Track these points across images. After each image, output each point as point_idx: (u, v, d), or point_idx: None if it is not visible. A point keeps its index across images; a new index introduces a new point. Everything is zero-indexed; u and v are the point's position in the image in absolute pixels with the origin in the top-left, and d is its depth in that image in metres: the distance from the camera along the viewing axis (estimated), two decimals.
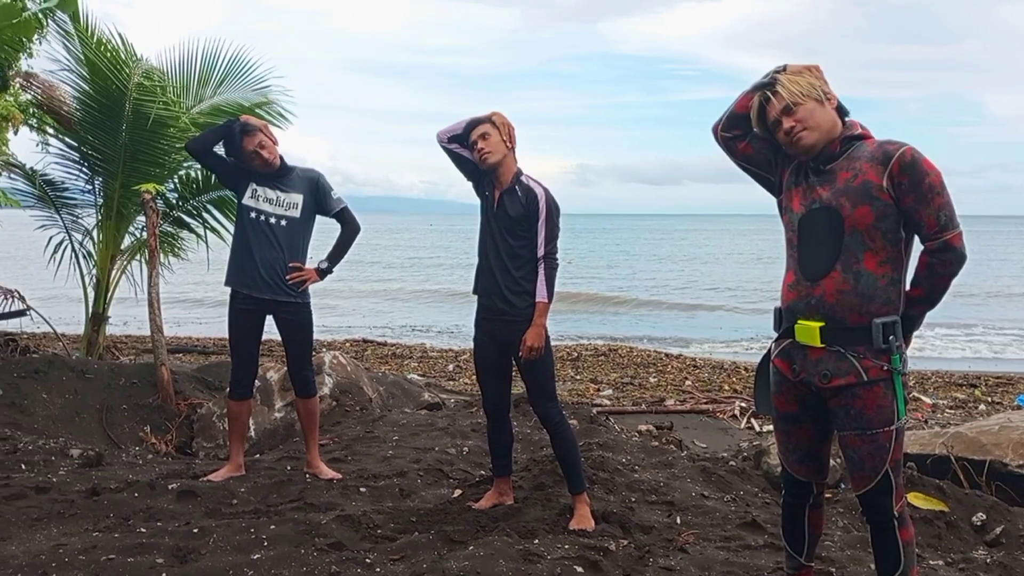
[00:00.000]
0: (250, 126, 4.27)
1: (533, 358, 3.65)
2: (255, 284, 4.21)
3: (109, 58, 7.63)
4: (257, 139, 4.19)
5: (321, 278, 4.37)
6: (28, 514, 3.66)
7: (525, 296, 3.65)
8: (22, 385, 5.94)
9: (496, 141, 3.64)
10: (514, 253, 3.65)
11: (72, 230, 8.56)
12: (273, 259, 4.20)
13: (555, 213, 3.68)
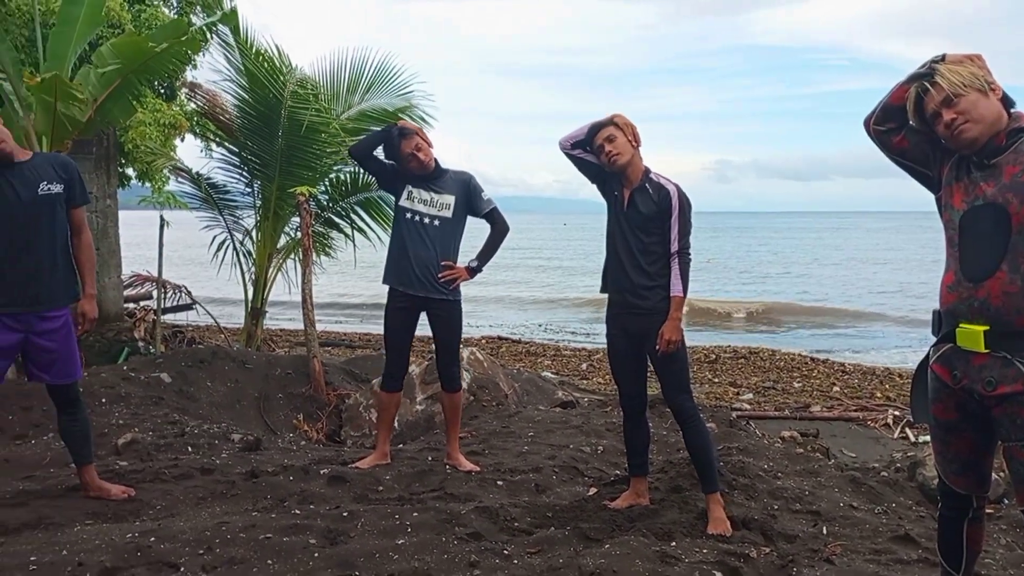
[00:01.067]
0: (407, 130, 4.44)
1: (670, 351, 3.62)
2: (410, 282, 4.38)
3: (266, 68, 8.14)
4: (414, 142, 4.36)
5: (471, 276, 4.49)
6: (194, 493, 3.97)
7: (658, 291, 3.65)
8: (189, 374, 6.45)
9: (623, 142, 3.66)
10: (646, 249, 3.66)
11: (233, 230, 9.19)
12: (427, 258, 4.36)
13: (687, 208, 3.68)
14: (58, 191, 3.60)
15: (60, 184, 3.61)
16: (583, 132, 3.76)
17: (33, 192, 3.52)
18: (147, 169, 11.69)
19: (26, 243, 3.51)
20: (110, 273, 8.14)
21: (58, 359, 3.65)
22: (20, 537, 3.37)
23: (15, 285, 3.50)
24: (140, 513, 3.69)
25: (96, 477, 3.87)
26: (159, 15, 11.84)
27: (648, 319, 3.66)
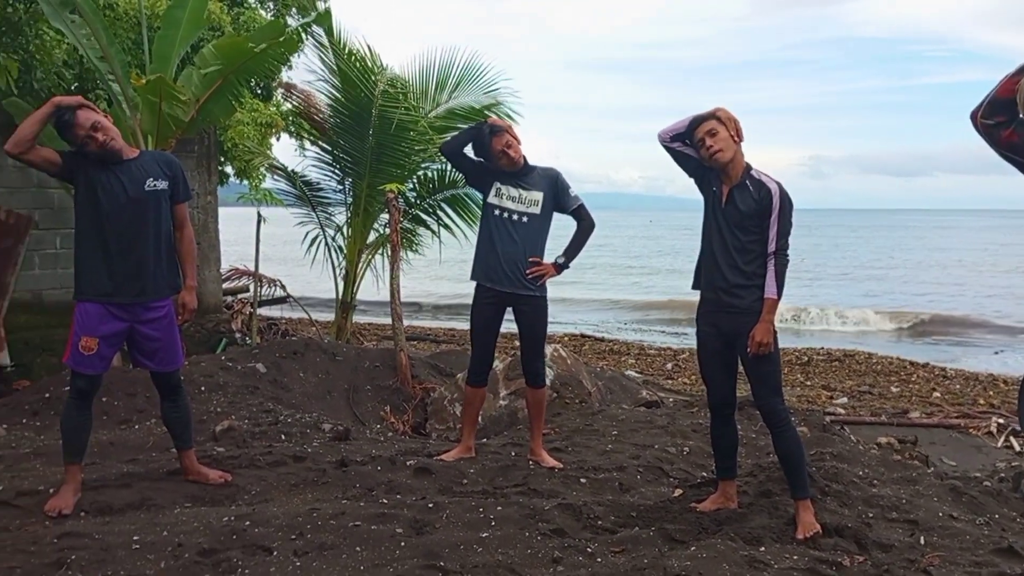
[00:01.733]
0: (498, 127, 4.47)
1: (762, 354, 3.53)
2: (497, 278, 4.41)
3: (358, 68, 8.32)
4: (504, 139, 4.38)
5: (558, 272, 4.49)
6: (287, 480, 4.11)
7: (753, 290, 3.56)
8: (283, 364, 6.66)
9: (724, 137, 3.56)
10: (743, 248, 3.57)
11: (325, 226, 9.45)
12: (514, 254, 4.38)
13: (788, 208, 3.57)
14: (163, 187, 3.77)
15: (165, 181, 3.78)
16: (683, 125, 3.67)
17: (140, 188, 3.69)
18: (245, 167, 12.16)
19: (134, 237, 3.69)
20: (210, 267, 8.49)
21: (161, 347, 3.83)
22: (124, 517, 3.56)
23: (123, 276, 3.68)
24: (236, 498, 3.84)
25: (195, 462, 4.05)
26: (257, 17, 12.26)
27: (741, 319, 3.57)
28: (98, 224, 3.66)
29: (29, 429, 5.24)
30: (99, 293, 3.67)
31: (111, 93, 6.57)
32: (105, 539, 3.16)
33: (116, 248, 3.66)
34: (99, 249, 3.66)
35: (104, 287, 3.67)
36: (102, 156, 3.64)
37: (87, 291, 3.68)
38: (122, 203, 3.65)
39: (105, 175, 3.65)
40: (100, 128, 3.61)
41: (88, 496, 3.72)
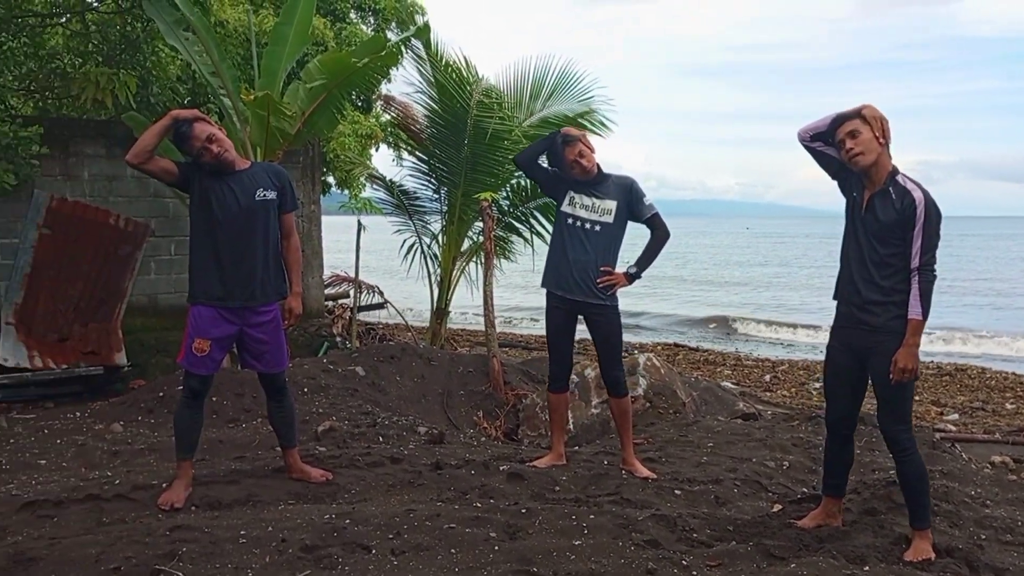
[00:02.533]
0: (570, 136, 4.47)
1: (905, 380, 3.30)
2: (568, 286, 4.40)
3: (454, 79, 8.48)
4: (577, 148, 4.38)
5: (629, 282, 4.44)
6: (385, 480, 4.21)
7: (890, 307, 3.32)
8: (380, 368, 6.83)
9: (867, 139, 3.32)
10: (881, 261, 3.33)
11: (422, 234, 9.66)
12: (585, 262, 4.37)
13: (935, 220, 3.28)
14: (272, 197, 3.93)
15: (274, 191, 3.94)
16: (825, 123, 3.47)
17: (251, 198, 3.86)
18: (346, 177, 12.57)
19: (244, 244, 3.85)
20: (313, 273, 8.79)
21: (268, 350, 3.99)
22: (231, 512, 3.72)
23: (234, 282, 3.85)
24: (336, 496, 3.95)
25: (299, 460, 4.19)
26: (358, 32, 12.67)
27: (874, 337, 3.35)
28: (211, 232, 3.84)
29: (144, 426, 5.54)
30: (211, 297, 3.85)
31: (222, 107, 6.90)
32: (214, 533, 3.31)
33: (227, 255, 3.84)
34: (211, 256, 3.84)
35: (216, 292, 3.85)
36: (216, 167, 3.83)
37: (200, 295, 3.88)
38: (234, 212, 3.82)
39: (218, 185, 3.84)
40: (215, 140, 3.79)
41: (198, 491, 3.90)
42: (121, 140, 7.46)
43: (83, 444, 5.02)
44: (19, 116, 6.76)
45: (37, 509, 3.66)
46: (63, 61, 8.22)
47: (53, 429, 5.45)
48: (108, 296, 7.15)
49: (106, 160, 7.48)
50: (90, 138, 7.43)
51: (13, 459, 4.74)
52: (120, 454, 4.82)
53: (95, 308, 7.10)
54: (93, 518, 3.61)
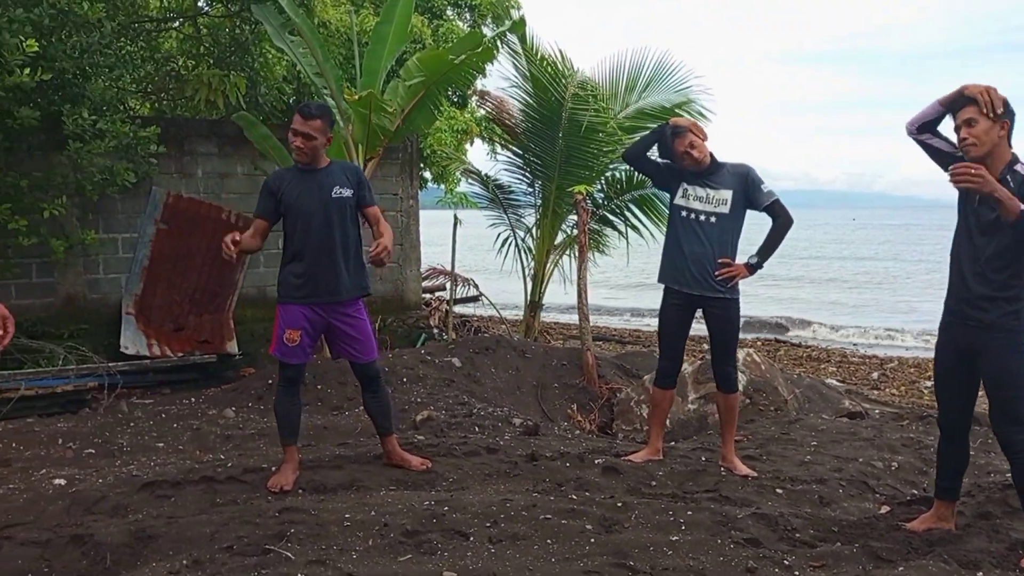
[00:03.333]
0: (679, 128, 4.38)
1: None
2: (685, 280, 4.33)
3: (549, 72, 8.48)
4: (687, 139, 4.30)
5: (751, 273, 4.33)
6: (481, 470, 4.27)
7: (1001, 304, 3.14)
8: (476, 359, 6.92)
9: (983, 129, 3.07)
10: (993, 255, 3.14)
11: (516, 228, 9.72)
12: (703, 255, 4.28)
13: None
14: (348, 195, 4.00)
15: (350, 189, 4.02)
16: (933, 111, 3.26)
17: (328, 195, 3.95)
18: (442, 172, 12.76)
19: (326, 243, 3.94)
20: (411, 266, 8.98)
21: (356, 341, 4.09)
22: (336, 496, 3.85)
23: (317, 280, 3.95)
24: (435, 484, 4.04)
25: (397, 447, 4.30)
26: (455, 28, 12.83)
27: (984, 335, 3.18)
28: (296, 230, 3.95)
29: (254, 412, 5.80)
30: (297, 296, 3.97)
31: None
32: (320, 515, 3.43)
33: (311, 252, 3.93)
34: (297, 254, 3.96)
35: (301, 290, 3.96)
36: (307, 165, 3.96)
37: (285, 295, 4.01)
38: (314, 210, 3.92)
39: (303, 184, 3.97)
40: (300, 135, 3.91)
41: (305, 475, 4.06)
42: (232, 139, 7.81)
43: (198, 428, 5.30)
44: (138, 117, 7.16)
45: (156, 489, 3.88)
46: (177, 64, 8.66)
47: (170, 414, 5.77)
48: (220, 288, 7.51)
49: (218, 158, 7.84)
50: (203, 137, 7.80)
51: (133, 441, 5.05)
52: (232, 438, 5.06)
53: (209, 299, 7.47)
54: (207, 499, 3.81)
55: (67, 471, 4.36)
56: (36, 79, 5.59)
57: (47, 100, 6.08)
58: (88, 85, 6.11)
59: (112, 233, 7.26)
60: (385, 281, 8.61)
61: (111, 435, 5.16)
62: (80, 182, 6.32)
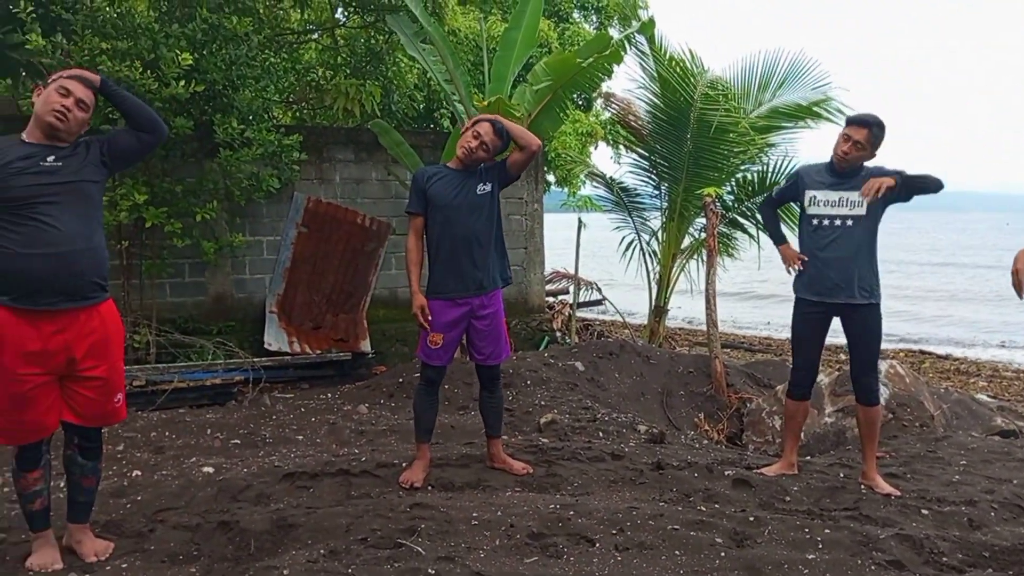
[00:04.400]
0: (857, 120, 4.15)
1: None
2: (824, 289, 4.14)
3: (678, 73, 8.33)
4: (851, 140, 4.10)
5: (895, 185, 3.95)
6: (606, 476, 4.24)
7: None
8: (599, 364, 6.89)
9: None
10: None
11: (640, 231, 9.61)
12: (839, 261, 4.09)
13: None
14: (490, 190, 4.10)
15: (490, 184, 4.11)
16: None
17: (474, 192, 4.05)
18: (566, 175, 12.80)
19: (472, 237, 4.04)
20: (535, 269, 9.05)
21: (492, 342, 4.15)
22: (463, 494, 3.92)
23: (463, 273, 4.04)
24: (560, 487, 4.04)
25: (502, 450, 4.34)
26: (581, 31, 12.84)
27: None
28: (442, 227, 4.06)
29: (386, 409, 5.99)
30: (443, 291, 4.07)
31: (455, 112, 7.27)
32: (449, 512, 3.51)
33: (459, 248, 4.03)
34: (444, 250, 4.06)
35: (448, 285, 4.06)
36: (470, 162, 4.06)
37: (433, 289, 4.11)
38: (462, 206, 4.02)
39: (445, 183, 4.07)
40: (478, 136, 4.04)
41: (434, 472, 4.16)
42: (367, 146, 8.11)
43: (334, 423, 5.53)
44: (282, 126, 7.55)
45: (296, 480, 4.08)
46: (317, 74, 9.08)
47: (308, 408, 6.05)
48: (355, 289, 7.81)
49: (354, 164, 8.16)
50: (341, 144, 8.14)
51: (275, 433, 5.33)
52: (365, 433, 5.25)
53: (344, 299, 7.78)
54: (343, 491, 3.97)
55: (215, 460, 4.65)
56: (190, 91, 6.00)
57: (199, 110, 6.51)
58: (237, 96, 6.49)
59: (257, 236, 7.69)
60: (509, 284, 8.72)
61: (255, 427, 5.46)
62: (229, 188, 6.73)
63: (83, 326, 3.00)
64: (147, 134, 3.18)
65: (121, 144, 3.16)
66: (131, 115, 3.15)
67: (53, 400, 3.01)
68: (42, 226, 2.88)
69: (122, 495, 3.92)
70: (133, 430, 5.26)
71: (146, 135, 3.18)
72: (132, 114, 3.15)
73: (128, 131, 3.18)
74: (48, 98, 2.99)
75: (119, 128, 3.27)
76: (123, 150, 3.17)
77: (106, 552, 3.19)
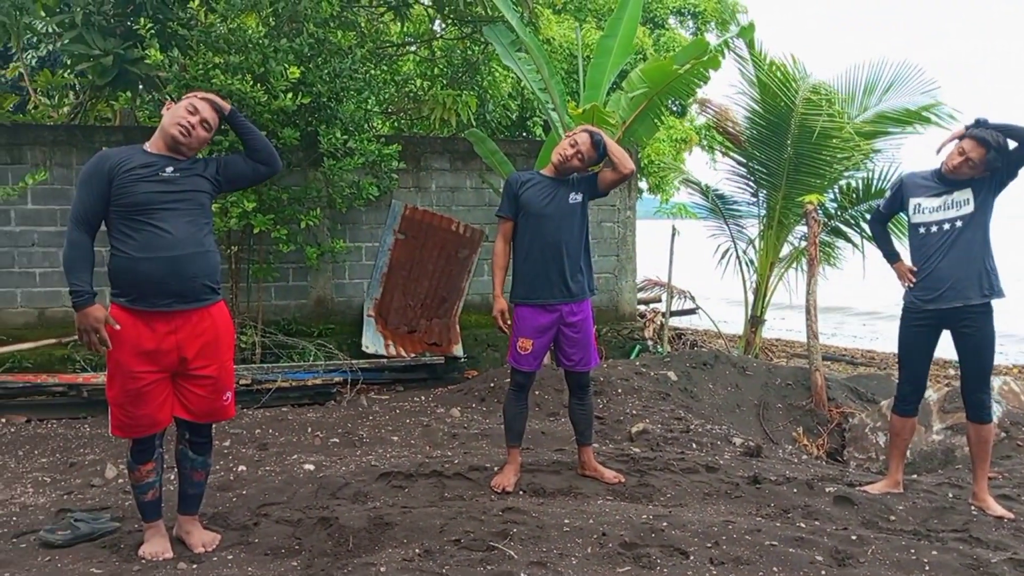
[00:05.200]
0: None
1: None
2: (938, 296, 3.96)
3: (779, 78, 8.13)
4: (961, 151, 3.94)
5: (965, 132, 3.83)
6: (700, 488, 4.17)
7: None
8: (693, 374, 6.78)
9: None
10: None
11: (737, 239, 9.41)
12: (952, 265, 3.92)
13: None
14: (580, 199, 4.11)
15: (581, 193, 4.12)
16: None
17: (566, 200, 4.08)
18: (659, 182, 12.66)
19: (562, 244, 4.05)
20: (627, 277, 8.98)
21: (581, 349, 4.15)
22: (555, 501, 3.94)
23: (551, 281, 4.06)
24: (652, 498, 4.00)
25: (593, 458, 4.32)
26: (676, 37, 12.71)
27: None
28: (532, 235, 4.09)
29: (477, 413, 6.07)
30: (531, 297, 4.10)
31: (549, 120, 7.31)
32: (540, 518, 3.53)
33: (548, 255, 4.06)
34: (533, 256, 4.08)
35: (537, 291, 4.09)
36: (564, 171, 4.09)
37: (522, 295, 4.15)
38: (553, 214, 4.05)
39: (536, 192, 4.10)
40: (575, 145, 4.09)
41: (525, 478, 4.19)
42: (463, 155, 8.25)
43: (427, 425, 5.64)
44: (381, 136, 7.76)
45: (392, 479, 4.18)
46: (415, 85, 9.29)
47: (403, 410, 6.18)
48: (449, 294, 7.95)
49: (450, 173, 8.31)
50: (437, 153, 8.30)
51: (371, 433, 5.47)
52: (458, 436, 5.33)
53: (438, 304, 7.93)
54: (437, 492, 4.04)
55: (315, 458, 4.81)
56: (297, 103, 6.24)
57: (305, 122, 6.76)
58: (340, 107, 6.72)
59: (357, 242, 7.92)
60: (600, 291, 8.68)
61: (353, 427, 5.63)
62: (332, 196, 6.96)
63: (195, 327, 3.17)
64: (263, 166, 3.37)
65: (235, 168, 3.35)
66: (252, 146, 3.34)
67: (166, 396, 3.19)
68: (157, 232, 3.06)
69: (228, 489, 4.11)
70: (239, 427, 5.49)
71: (262, 167, 3.37)
72: (254, 145, 3.34)
73: (245, 159, 3.36)
74: (176, 113, 3.19)
75: (237, 153, 3.46)
76: (236, 174, 3.36)
77: (213, 543, 3.35)
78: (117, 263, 3.08)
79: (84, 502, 3.98)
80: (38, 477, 4.55)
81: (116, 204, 3.07)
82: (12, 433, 5.44)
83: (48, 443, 5.20)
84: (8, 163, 6.95)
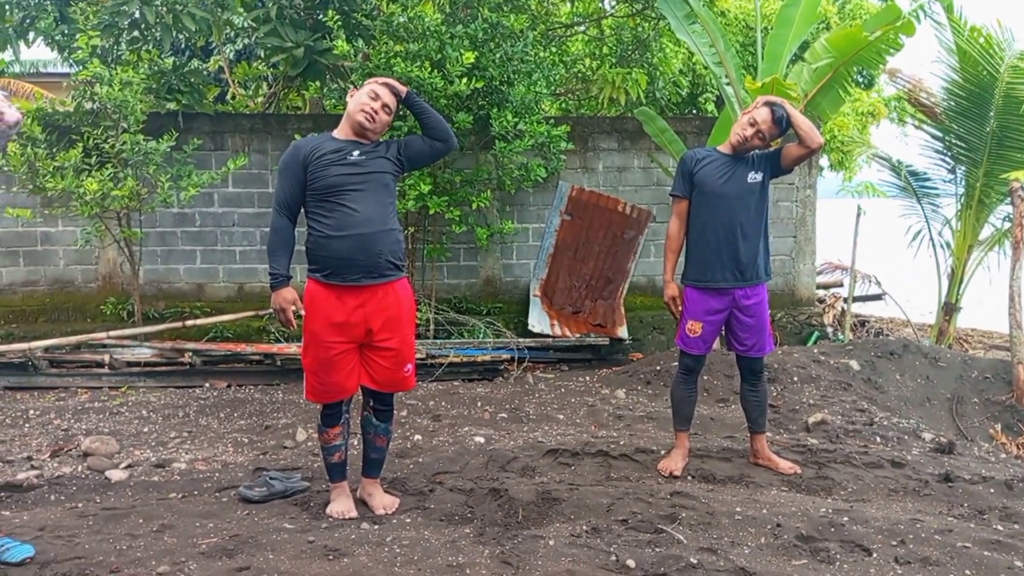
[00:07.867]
0: None
1: None
2: None
3: (981, 44, 7.42)
4: None
5: None
6: (885, 484, 3.93)
7: None
8: (877, 364, 6.37)
9: None
10: None
11: (931, 219, 8.71)
12: None
13: None
14: (760, 179, 3.93)
15: (761, 172, 3.94)
16: None
17: (744, 179, 3.91)
18: (842, 158, 11.93)
19: (738, 226, 3.90)
20: (805, 259, 8.55)
21: (755, 333, 4.00)
22: (725, 488, 3.84)
23: (725, 263, 3.92)
24: (832, 491, 3.82)
25: (766, 447, 4.15)
26: (863, 4, 11.87)
27: None
28: (708, 213, 3.96)
29: (643, 396, 6.02)
30: (703, 280, 3.99)
31: (724, 95, 7.06)
32: (710, 504, 3.46)
33: (723, 237, 3.92)
34: (707, 237, 3.96)
35: (709, 274, 3.96)
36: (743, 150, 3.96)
37: (694, 277, 4.04)
38: (730, 193, 3.91)
39: (719, 167, 3.96)
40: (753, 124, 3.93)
41: (693, 463, 4.12)
42: (631, 134, 8.15)
43: (592, 405, 5.66)
44: (550, 117, 7.81)
45: (559, 456, 4.24)
46: (583, 65, 9.25)
47: (568, 389, 6.24)
48: (614, 275, 7.91)
49: (617, 153, 8.24)
50: (605, 133, 8.25)
51: (538, 411, 5.56)
52: (623, 418, 5.31)
53: (603, 286, 7.91)
54: (603, 471, 4.06)
55: (484, 431, 4.96)
56: (471, 87, 6.40)
57: (477, 105, 6.92)
58: (511, 90, 6.82)
59: (524, 223, 8.04)
60: (776, 274, 8.31)
61: (519, 403, 5.75)
62: (501, 178, 7.10)
63: (380, 301, 3.35)
64: (440, 142, 3.50)
65: (415, 147, 3.51)
66: (429, 126, 3.48)
67: (354, 366, 3.40)
68: (348, 211, 3.27)
69: (405, 456, 4.33)
70: (415, 398, 5.76)
71: (439, 143, 3.51)
72: (430, 125, 3.48)
73: (423, 139, 3.51)
74: (359, 100, 3.38)
75: (415, 135, 3.62)
76: (416, 153, 3.51)
77: (393, 506, 3.55)
78: (313, 241, 3.32)
79: (278, 462, 4.33)
80: (237, 438, 4.99)
81: (311, 188, 3.31)
82: (215, 397, 5.99)
83: (246, 407, 5.68)
84: (212, 149, 7.61)
